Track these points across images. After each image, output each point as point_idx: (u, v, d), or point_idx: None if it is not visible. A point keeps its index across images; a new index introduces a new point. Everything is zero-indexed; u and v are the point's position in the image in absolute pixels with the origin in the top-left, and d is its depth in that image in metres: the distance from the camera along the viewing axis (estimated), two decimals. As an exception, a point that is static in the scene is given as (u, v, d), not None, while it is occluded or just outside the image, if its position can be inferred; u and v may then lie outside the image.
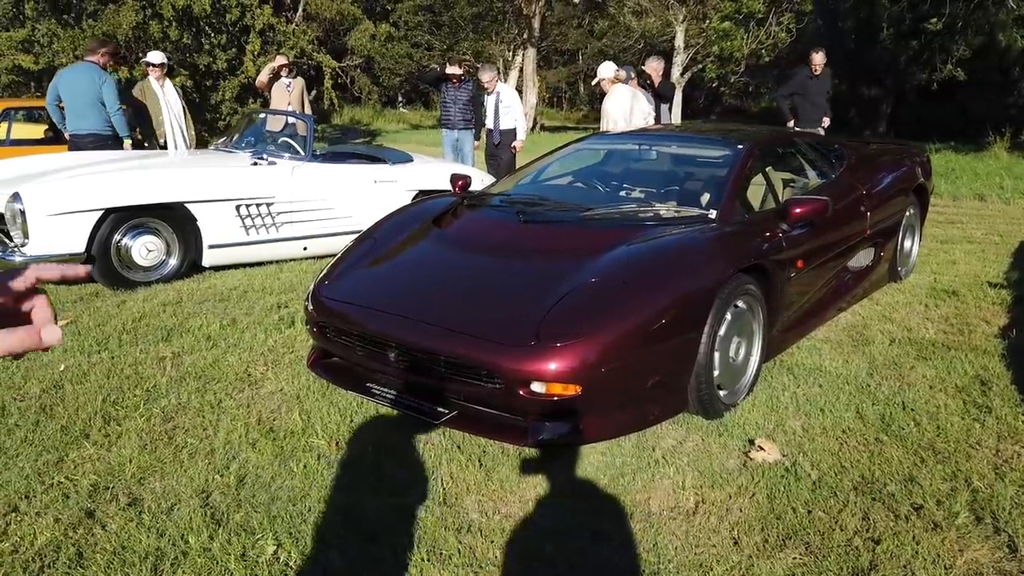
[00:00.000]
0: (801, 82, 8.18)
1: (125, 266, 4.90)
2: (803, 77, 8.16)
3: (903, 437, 2.97)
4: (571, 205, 3.58)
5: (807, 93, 8.09)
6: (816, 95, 8.08)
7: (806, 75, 8.11)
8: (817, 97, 8.07)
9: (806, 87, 8.09)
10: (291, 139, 5.90)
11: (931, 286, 4.99)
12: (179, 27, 15.17)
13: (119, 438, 3.02)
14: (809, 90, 8.08)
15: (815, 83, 8.07)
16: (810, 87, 8.08)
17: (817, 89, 8.07)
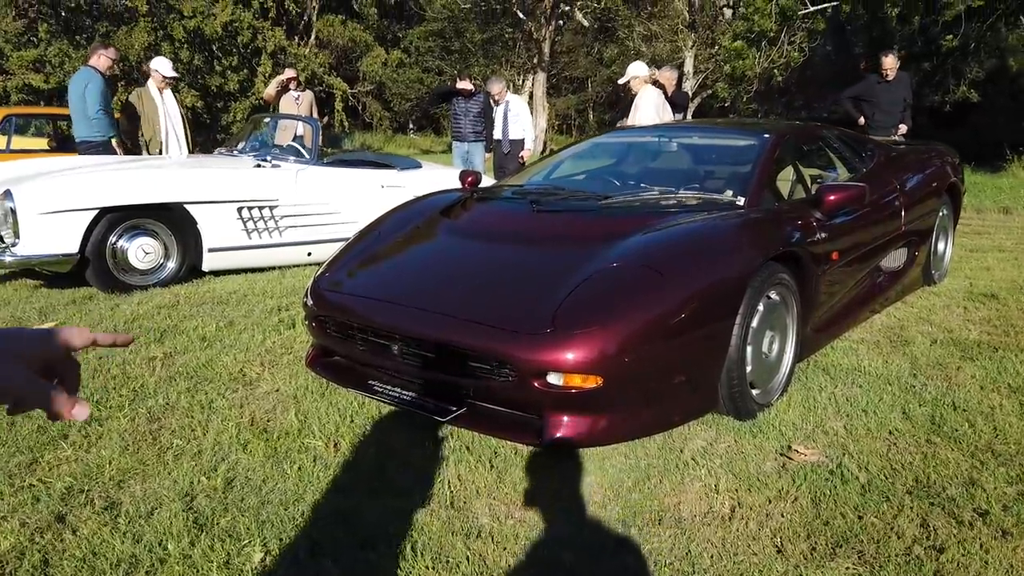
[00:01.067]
0: (868, 87, 7.26)
1: (121, 269, 4.70)
2: (870, 82, 7.26)
3: (957, 439, 2.69)
4: (588, 194, 3.36)
5: (876, 99, 7.14)
6: (887, 102, 7.10)
7: (874, 80, 7.20)
8: (889, 105, 7.10)
9: (874, 92, 7.16)
10: (299, 146, 5.73)
11: (967, 290, 4.71)
12: (191, 48, 15.24)
13: (99, 439, 2.78)
14: (878, 96, 7.13)
15: (885, 89, 7.12)
16: (879, 93, 7.14)
17: (889, 96, 7.11)
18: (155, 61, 6.65)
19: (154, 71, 6.53)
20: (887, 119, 7.04)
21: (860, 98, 7.23)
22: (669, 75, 7.70)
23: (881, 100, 7.08)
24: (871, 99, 7.14)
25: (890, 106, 7.08)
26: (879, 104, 7.10)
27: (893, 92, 7.10)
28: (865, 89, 7.25)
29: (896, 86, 7.11)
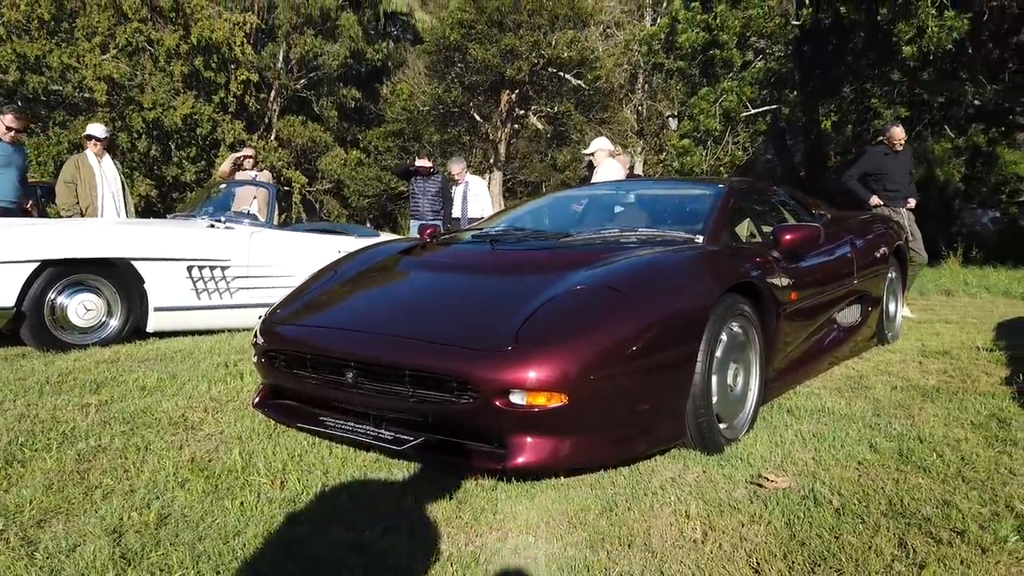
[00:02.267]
0: (874, 159, 6.70)
1: (59, 326, 4.48)
2: (877, 154, 6.70)
3: (927, 468, 2.63)
4: (547, 234, 3.35)
5: (887, 173, 6.58)
6: (898, 175, 6.59)
7: (881, 152, 6.67)
8: (899, 177, 6.60)
9: (883, 165, 6.62)
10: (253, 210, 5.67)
11: (920, 349, 4.77)
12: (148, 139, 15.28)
13: (21, 479, 2.55)
14: (887, 168, 6.58)
15: (894, 161, 6.61)
16: (888, 165, 6.59)
17: (899, 168, 6.61)
18: (89, 127, 6.53)
19: (87, 137, 6.42)
20: (897, 193, 6.58)
21: (867, 174, 6.69)
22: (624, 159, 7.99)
23: (891, 173, 6.59)
24: (879, 172, 6.62)
25: (900, 178, 6.63)
26: (889, 177, 6.59)
27: (902, 164, 6.69)
28: (871, 163, 6.72)
29: (904, 157, 6.72)
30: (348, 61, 25.78)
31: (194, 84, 15.96)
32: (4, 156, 5.84)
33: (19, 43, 13.58)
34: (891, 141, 6.60)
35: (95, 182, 6.19)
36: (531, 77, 22.24)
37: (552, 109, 24.33)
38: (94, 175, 6.20)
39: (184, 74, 15.38)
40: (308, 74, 24.93)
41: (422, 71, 25.64)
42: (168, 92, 15.17)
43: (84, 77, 13.95)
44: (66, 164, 6.47)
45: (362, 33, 25.87)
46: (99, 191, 6.20)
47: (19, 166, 6.03)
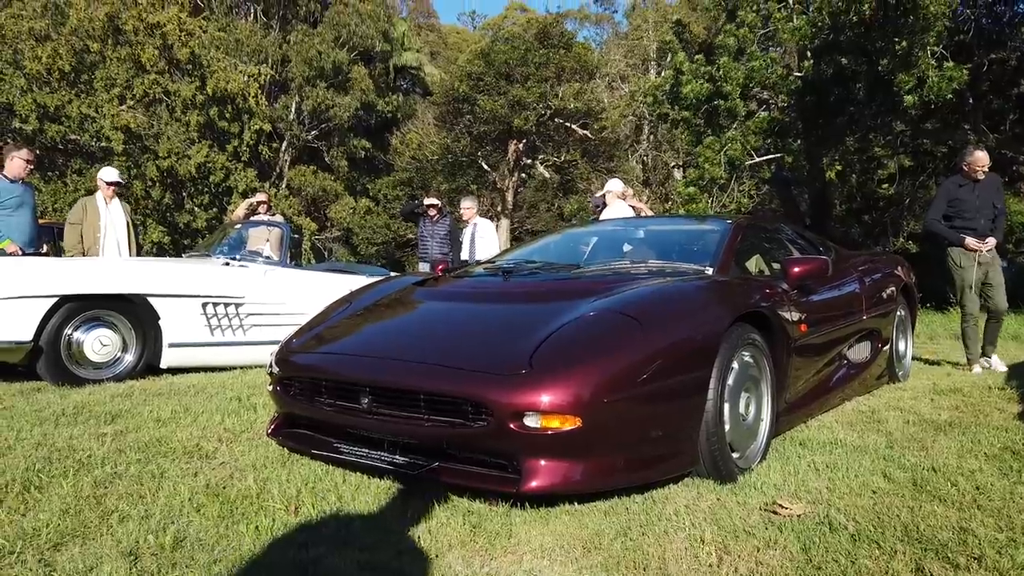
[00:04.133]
0: (948, 193, 5.74)
1: (75, 361, 4.53)
2: (952, 187, 5.74)
3: (942, 497, 2.63)
4: (559, 266, 3.41)
5: (964, 207, 5.64)
6: (973, 208, 5.61)
7: (956, 183, 5.72)
8: (977, 211, 5.61)
9: (960, 199, 5.67)
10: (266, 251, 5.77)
11: (932, 387, 4.77)
12: (162, 188, 15.54)
13: (38, 503, 2.57)
14: (966, 203, 5.64)
15: (971, 192, 5.64)
16: (963, 196, 5.66)
17: (976, 200, 5.62)
18: (101, 171, 6.67)
19: (99, 180, 6.56)
20: (971, 232, 5.62)
21: (946, 214, 5.76)
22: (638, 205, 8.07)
23: (966, 206, 5.64)
24: (957, 209, 5.69)
25: (977, 212, 5.61)
26: (964, 212, 5.65)
27: (982, 196, 5.63)
28: (945, 199, 5.76)
29: (986, 188, 5.66)
30: (359, 113, 26.31)
31: (208, 134, 16.31)
32: (17, 197, 5.95)
33: (39, 93, 13.94)
34: (972, 168, 5.63)
35: (99, 224, 6.30)
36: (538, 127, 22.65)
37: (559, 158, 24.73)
38: (99, 218, 6.31)
39: (199, 124, 15.73)
40: (319, 125, 25.43)
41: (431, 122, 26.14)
42: (183, 141, 15.49)
43: (102, 127, 14.27)
44: (75, 205, 6.60)
45: (373, 86, 26.43)
46: (102, 233, 6.30)
47: (32, 205, 6.15)
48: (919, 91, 11.72)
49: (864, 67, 12.82)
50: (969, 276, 5.67)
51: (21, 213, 5.97)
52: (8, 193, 5.91)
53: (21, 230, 5.97)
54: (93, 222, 6.29)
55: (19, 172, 5.97)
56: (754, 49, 13.91)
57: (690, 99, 14.75)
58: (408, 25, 34.37)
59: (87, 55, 14.90)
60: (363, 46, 25.97)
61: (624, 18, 35.02)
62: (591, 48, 27.42)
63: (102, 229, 6.30)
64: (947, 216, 5.75)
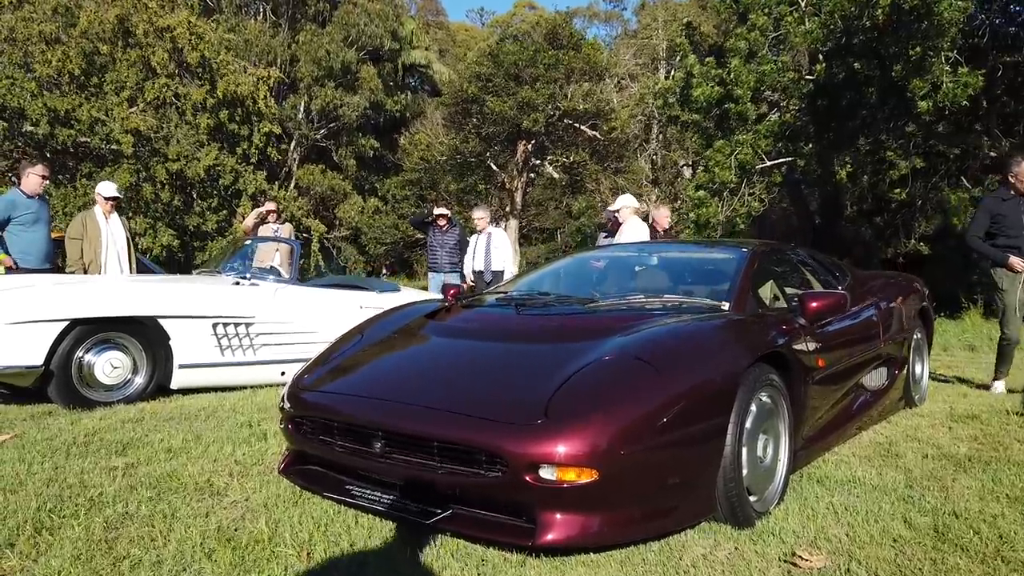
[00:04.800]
0: (990, 209, 5.39)
1: (85, 384, 4.52)
2: (994, 202, 5.42)
3: (964, 547, 2.58)
4: (573, 299, 3.36)
5: (1008, 224, 5.29)
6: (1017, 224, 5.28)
7: (999, 197, 5.40)
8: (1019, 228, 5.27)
9: (1004, 215, 5.31)
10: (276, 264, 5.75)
11: (949, 412, 4.70)
12: (171, 190, 15.55)
13: (49, 548, 2.55)
14: (1009, 219, 5.30)
15: (1015, 207, 5.29)
16: (1007, 213, 5.31)
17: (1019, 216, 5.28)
18: (100, 185, 6.66)
19: (97, 194, 6.54)
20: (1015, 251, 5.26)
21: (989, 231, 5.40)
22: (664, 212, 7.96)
23: (1009, 222, 5.29)
24: (1001, 224, 5.34)
25: (1021, 230, 5.27)
26: (1007, 228, 5.31)
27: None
28: (988, 214, 5.39)
29: None
30: (367, 112, 26.31)
31: (218, 136, 16.31)
32: (33, 212, 5.96)
33: (50, 97, 13.95)
34: (1019, 179, 5.29)
35: (100, 239, 6.30)
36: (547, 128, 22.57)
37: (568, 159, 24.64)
38: (100, 233, 6.31)
39: (209, 127, 15.73)
40: (328, 124, 25.46)
41: (440, 122, 26.10)
42: (192, 144, 15.49)
43: (112, 130, 14.28)
44: (73, 220, 6.60)
45: (381, 85, 26.43)
46: (103, 248, 6.30)
47: (46, 220, 6.16)
48: (933, 97, 11.61)
49: (877, 72, 12.70)
50: (1012, 299, 5.31)
51: (37, 228, 5.99)
52: (25, 208, 5.92)
53: (37, 245, 5.98)
54: (94, 237, 6.28)
55: (36, 188, 6.00)
56: (765, 52, 13.80)
57: (700, 102, 14.66)
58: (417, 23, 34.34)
59: (97, 57, 14.91)
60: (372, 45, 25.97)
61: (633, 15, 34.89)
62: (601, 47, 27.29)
63: (103, 244, 6.29)
64: (990, 233, 5.38)
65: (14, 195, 6.00)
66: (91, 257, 6.28)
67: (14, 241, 5.95)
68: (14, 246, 5.94)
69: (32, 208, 5.95)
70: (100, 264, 6.29)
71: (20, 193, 5.96)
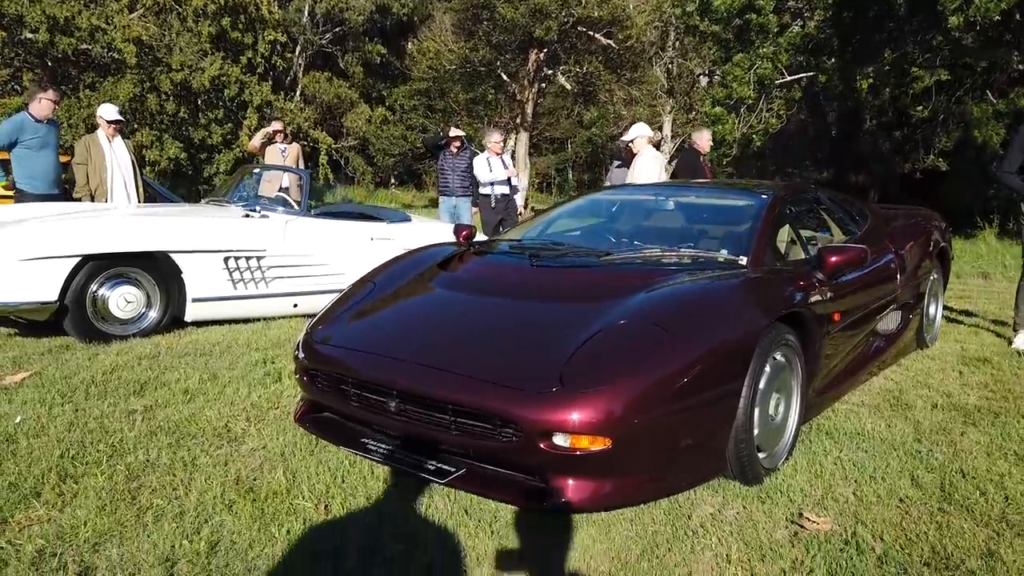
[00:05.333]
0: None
1: (100, 318, 4.56)
2: None
3: (969, 508, 2.62)
4: (587, 250, 3.32)
5: None
6: None
7: None
8: None
9: None
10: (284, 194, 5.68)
11: (960, 354, 4.71)
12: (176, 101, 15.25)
13: (75, 497, 2.62)
14: None
15: None
16: None
17: None
18: (101, 108, 6.51)
19: (100, 117, 6.41)
20: None
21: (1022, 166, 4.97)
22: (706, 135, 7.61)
23: None
24: None
25: None
26: None
27: None
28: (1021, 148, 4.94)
29: None
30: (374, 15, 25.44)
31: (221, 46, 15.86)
32: (41, 137, 5.87)
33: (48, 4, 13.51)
34: None
35: (105, 164, 6.20)
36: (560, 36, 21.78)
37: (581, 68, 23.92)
38: (104, 157, 6.21)
39: (211, 35, 15.27)
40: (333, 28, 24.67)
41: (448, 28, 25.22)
42: (196, 53, 15.09)
43: (113, 39, 13.88)
44: (77, 145, 6.47)
45: (388, -14, 25.45)
46: (109, 173, 6.22)
47: (55, 146, 6.06)
48: (965, 11, 11.11)
49: (907, -17, 12.11)
50: None
51: (44, 153, 5.91)
52: (33, 132, 5.83)
53: (44, 170, 5.91)
54: (99, 162, 6.20)
55: (46, 112, 5.88)
56: (791, -41, 13.16)
57: (720, 11, 14.10)
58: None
59: (94, -40, 14.34)
60: (378, -59, 24.86)
61: (653, -87, 33.07)
62: (617, -52, 25.98)
63: (108, 169, 6.21)
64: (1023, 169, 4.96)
65: (22, 118, 5.89)
66: (97, 183, 6.21)
67: (21, 165, 5.88)
68: (21, 170, 5.88)
69: (40, 132, 5.86)
70: (107, 190, 6.23)
71: (29, 117, 5.85)
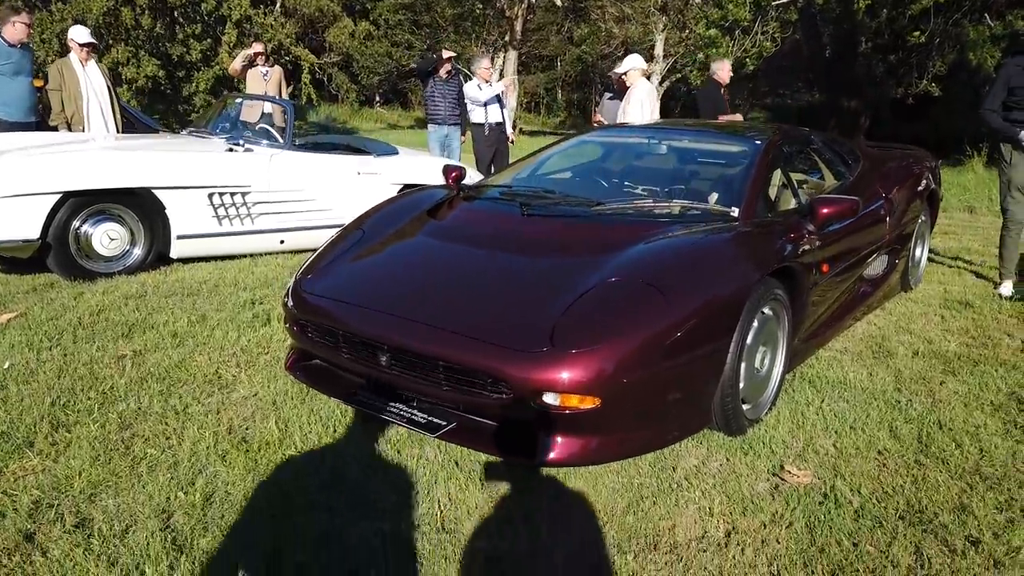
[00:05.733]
0: (1012, 76, 4.75)
1: (84, 255, 4.50)
2: (1016, 69, 4.76)
3: (945, 460, 2.70)
4: (579, 199, 3.28)
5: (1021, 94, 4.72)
6: None
7: (1018, 64, 4.77)
8: None
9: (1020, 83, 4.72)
10: (269, 127, 5.53)
11: (943, 296, 4.77)
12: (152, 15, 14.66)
13: (68, 447, 2.65)
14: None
15: None
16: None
17: None
18: (72, 30, 6.22)
19: (71, 40, 6.14)
20: None
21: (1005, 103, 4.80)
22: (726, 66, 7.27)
23: None
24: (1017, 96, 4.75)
25: None
26: None
27: None
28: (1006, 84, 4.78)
29: None
30: (357, -77, 24.31)
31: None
32: (15, 63, 5.64)
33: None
34: None
35: (80, 90, 5.99)
36: (551, -51, 20.97)
37: (572, -17, 23.13)
38: (78, 83, 5.99)
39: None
40: (315, -63, 23.57)
41: (435, -63, 24.17)
42: (171, -38, 14.42)
43: (82, -55, 13.22)
44: (50, 70, 6.21)
45: None
46: (84, 100, 6.01)
47: (29, 71, 5.84)
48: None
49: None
50: (1019, 176, 4.78)
51: (18, 80, 5.70)
52: (6, 57, 5.60)
53: (18, 97, 5.72)
54: (73, 88, 5.98)
55: (20, 36, 5.64)
56: None
57: (719, -72, 13.58)
58: None
59: None
60: None
61: None
62: None
63: (83, 96, 6.01)
64: (1006, 106, 4.82)
65: None
66: (72, 109, 6.02)
67: None
68: None
69: (13, 58, 5.63)
70: (83, 117, 6.04)
71: (2, 41, 5.61)
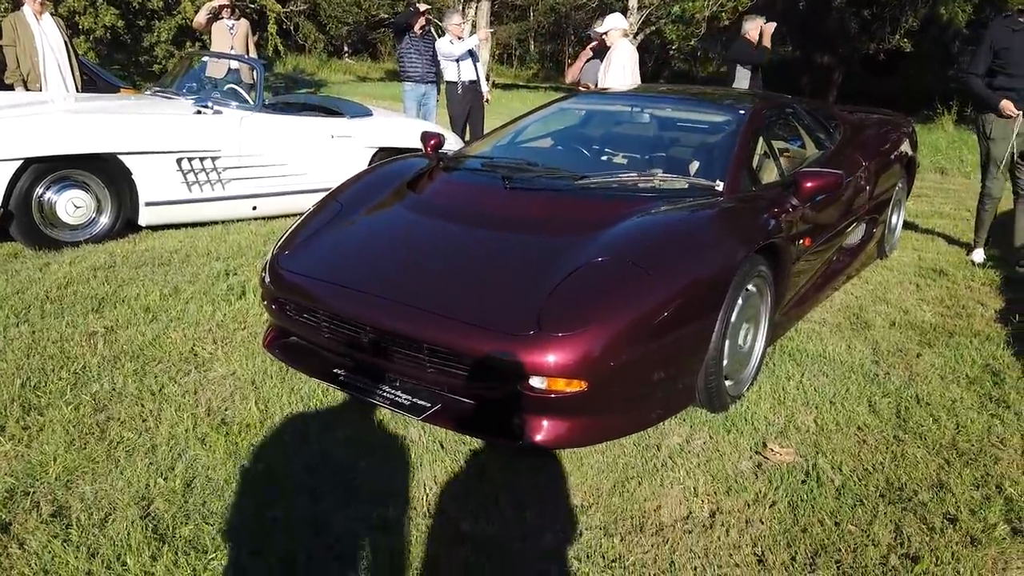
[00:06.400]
0: (999, 38, 4.55)
1: (48, 224, 4.35)
2: (1003, 30, 4.56)
3: (923, 435, 2.75)
4: (562, 172, 3.21)
5: (1013, 59, 4.53)
6: None
7: (1008, 27, 4.55)
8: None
9: (1010, 49, 4.52)
10: (238, 86, 5.35)
11: (917, 264, 4.82)
12: (108, -40, 14.03)
13: (41, 431, 2.58)
14: (1016, 53, 4.53)
15: None
16: (1017, 46, 4.52)
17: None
18: None
19: None
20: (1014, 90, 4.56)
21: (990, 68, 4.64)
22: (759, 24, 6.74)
23: (1015, 57, 4.53)
24: (1003, 59, 4.57)
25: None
26: (1010, 65, 4.56)
27: None
28: (991, 47, 4.61)
29: None
30: None
31: None
32: None
33: None
34: None
35: (36, 46, 5.73)
36: None
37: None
38: (33, 38, 5.72)
39: None
40: None
41: None
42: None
43: None
44: (4, 24, 5.91)
45: None
46: (41, 56, 5.75)
47: None
48: None
49: None
50: (999, 150, 4.61)
51: None
52: None
53: None
54: (27, 44, 5.71)
55: None
56: None
57: None
58: None
59: None
60: None
61: None
62: None
63: (39, 52, 5.74)
64: (991, 71, 4.62)
65: None
66: (28, 67, 5.76)
67: None
68: None
69: None
70: (39, 74, 5.79)
71: None
